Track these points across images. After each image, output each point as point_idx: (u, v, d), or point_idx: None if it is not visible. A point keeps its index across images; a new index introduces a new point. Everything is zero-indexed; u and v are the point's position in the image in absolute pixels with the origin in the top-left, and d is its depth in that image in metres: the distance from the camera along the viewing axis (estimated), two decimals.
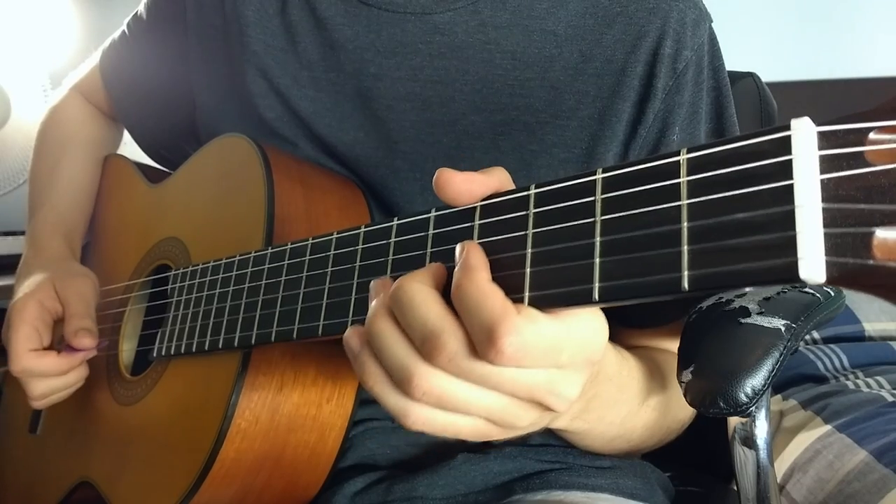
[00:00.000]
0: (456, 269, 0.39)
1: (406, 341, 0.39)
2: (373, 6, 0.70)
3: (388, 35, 0.70)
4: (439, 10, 0.69)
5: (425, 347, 0.37)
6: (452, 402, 0.39)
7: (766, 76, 0.90)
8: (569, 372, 0.39)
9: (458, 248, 0.40)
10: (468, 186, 0.41)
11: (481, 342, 0.36)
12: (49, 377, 0.73)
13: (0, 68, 1.56)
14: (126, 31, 0.92)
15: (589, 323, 0.39)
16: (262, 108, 0.73)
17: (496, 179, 0.42)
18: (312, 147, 0.73)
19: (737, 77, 0.88)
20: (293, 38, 0.73)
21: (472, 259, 0.38)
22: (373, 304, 0.41)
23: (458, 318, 0.38)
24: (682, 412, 0.68)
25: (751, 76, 0.89)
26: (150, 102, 0.91)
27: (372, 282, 0.43)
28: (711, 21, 0.69)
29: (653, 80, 0.65)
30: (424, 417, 0.40)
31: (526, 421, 0.41)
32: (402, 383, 0.39)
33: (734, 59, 0.72)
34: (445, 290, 0.39)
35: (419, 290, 0.39)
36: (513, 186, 0.42)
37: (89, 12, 1.76)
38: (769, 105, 0.86)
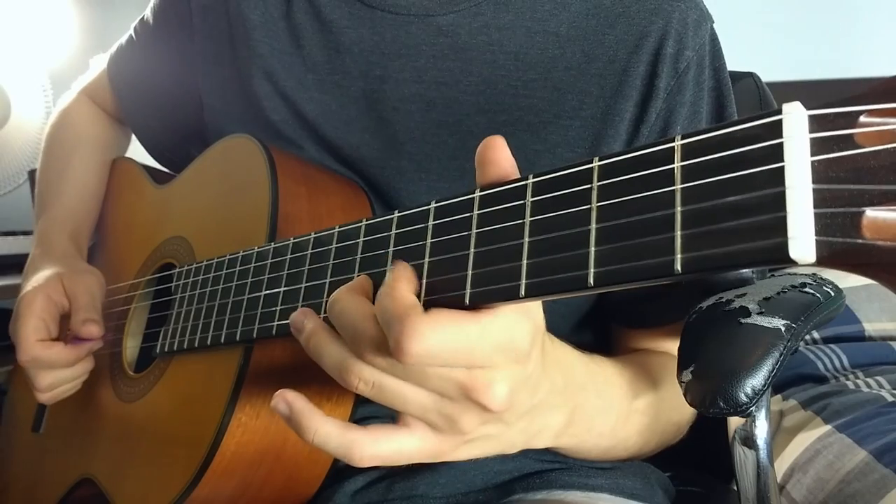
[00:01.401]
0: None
1: (340, 342, 0.44)
2: (377, 8, 0.71)
3: (392, 37, 0.71)
4: (443, 11, 0.70)
5: (353, 347, 0.42)
6: (387, 393, 0.42)
7: (766, 76, 0.91)
8: (494, 370, 0.41)
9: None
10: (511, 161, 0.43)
11: (391, 345, 0.38)
12: (56, 368, 0.73)
13: (0, 68, 1.57)
14: (133, 35, 0.94)
15: (509, 323, 0.40)
16: (268, 111, 0.74)
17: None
18: (318, 149, 0.74)
19: (737, 77, 0.88)
20: (298, 42, 0.74)
21: (396, 271, 0.42)
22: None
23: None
24: (676, 414, 0.68)
25: (751, 76, 0.89)
26: (156, 105, 0.92)
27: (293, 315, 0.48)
28: (713, 22, 0.70)
29: (654, 80, 0.66)
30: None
31: (467, 422, 0.43)
32: (339, 372, 0.43)
33: (734, 59, 0.72)
34: None
35: (349, 298, 0.43)
36: None
37: (89, 12, 1.77)
38: (769, 105, 0.87)
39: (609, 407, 0.58)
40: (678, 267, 0.31)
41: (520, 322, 0.41)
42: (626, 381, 0.60)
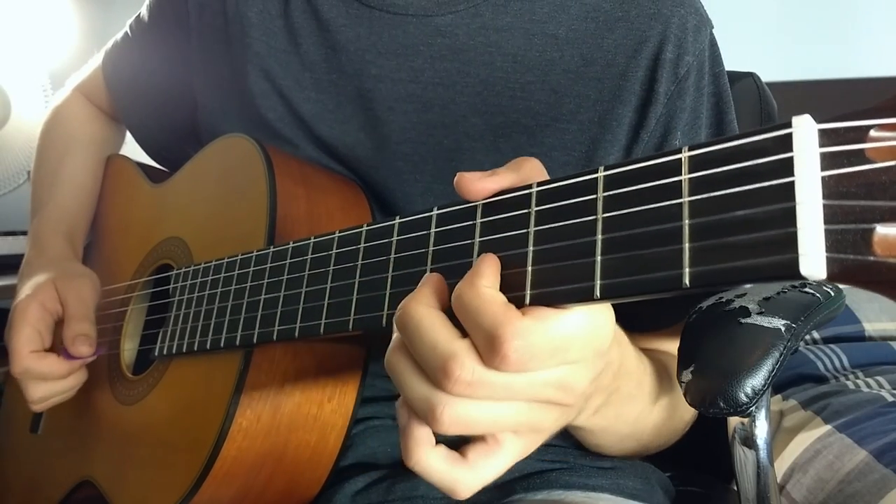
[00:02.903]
0: (467, 274, 0.38)
1: (420, 373, 0.38)
2: (374, 8, 0.71)
3: (389, 37, 0.70)
4: (441, 12, 0.69)
5: (437, 376, 0.37)
6: (480, 425, 0.38)
7: (766, 76, 0.90)
8: (579, 366, 0.39)
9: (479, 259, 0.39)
10: (482, 184, 0.41)
11: (486, 350, 0.35)
12: (48, 380, 0.73)
13: (0, 68, 1.56)
14: (128, 31, 0.93)
15: (596, 316, 0.38)
16: (264, 109, 0.73)
17: (514, 177, 0.41)
18: (314, 148, 0.73)
19: (737, 77, 0.88)
20: (295, 40, 0.73)
21: (480, 266, 0.38)
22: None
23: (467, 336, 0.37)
24: (688, 413, 0.68)
25: (751, 76, 0.89)
26: (151, 103, 0.91)
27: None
28: (712, 27, 0.69)
29: (654, 85, 0.66)
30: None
31: (549, 421, 0.41)
32: (425, 416, 0.38)
33: (734, 59, 0.72)
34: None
35: (425, 314, 0.38)
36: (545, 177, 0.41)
37: (89, 12, 1.76)
38: (769, 105, 0.87)
39: (640, 396, 0.58)
40: (686, 281, 0.31)
41: (603, 314, 0.38)
42: (655, 375, 0.60)
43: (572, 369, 0.39)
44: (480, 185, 0.41)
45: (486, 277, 0.38)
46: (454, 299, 0.38)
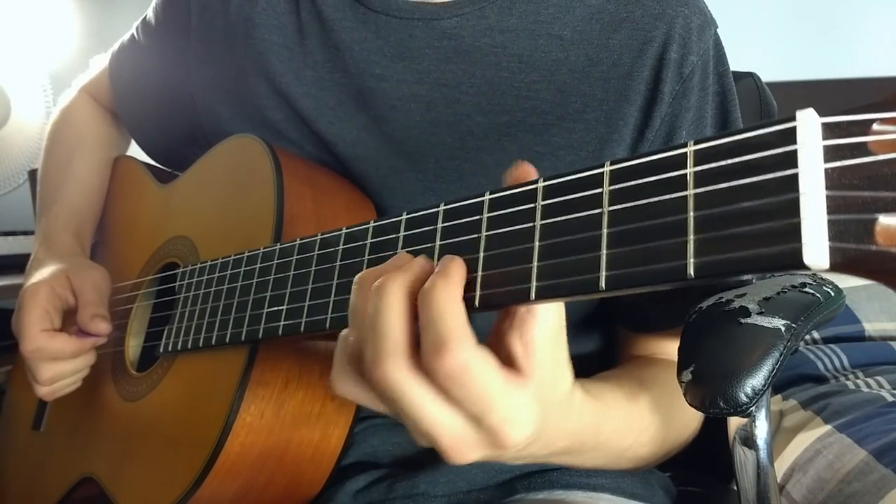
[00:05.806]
0: (436, 271, 0.40)
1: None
2: (381, 13, 0.71)
3: (395, 40, 0.71)
4: (447, 15, 0.70)
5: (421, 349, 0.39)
6: (402, 396, 0.40)
7: (766, 76, 0.91)
8: (520, 412, 0.40)
9: (444, 258, 0.41)
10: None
11: (429, 349, 0.38)
12: (58, 360, 0.73)
13: (0, 68, 1.56)
14: (134, 33, 0.93)
15: (531, 401, 0.40)
16: (267, 110, 0.74)
17: None
18: (315, 146, 0.74)
19: (737, 77, 0.88)
20: (301, 38, 0.74)
21: (454, 269, 0.40)
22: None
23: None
24: (685, 432, 0.67)
25: (751, 76, 0.90)
26: (149, 106, 0.92)
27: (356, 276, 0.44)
28: (717, 27, 0.70)
29: (659, 85, 0.66)
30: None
31: (474, 454, 0.41)
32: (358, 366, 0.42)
33: (734, 60, 0.73)
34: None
35: (396, 298, 0.40)
36: None
37: (89, 12, 1.77)
38: (769, 105, 0.87)
39: (604, 455, 0.58)
40: (691, 272, 0.31)
41: (532, 402, 0.40)
42: (632, 426, 0.60)
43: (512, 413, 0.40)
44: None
45: (460, 286, 0.40)
46: (425, 291, 0.39)
